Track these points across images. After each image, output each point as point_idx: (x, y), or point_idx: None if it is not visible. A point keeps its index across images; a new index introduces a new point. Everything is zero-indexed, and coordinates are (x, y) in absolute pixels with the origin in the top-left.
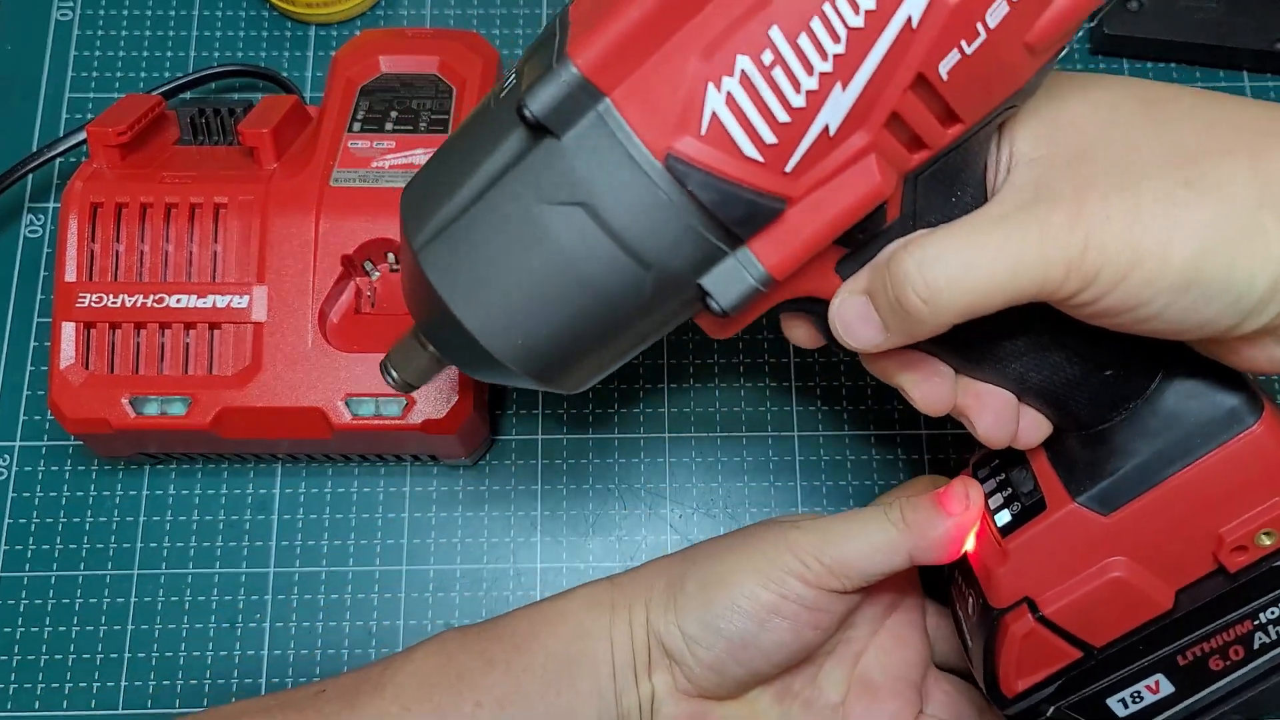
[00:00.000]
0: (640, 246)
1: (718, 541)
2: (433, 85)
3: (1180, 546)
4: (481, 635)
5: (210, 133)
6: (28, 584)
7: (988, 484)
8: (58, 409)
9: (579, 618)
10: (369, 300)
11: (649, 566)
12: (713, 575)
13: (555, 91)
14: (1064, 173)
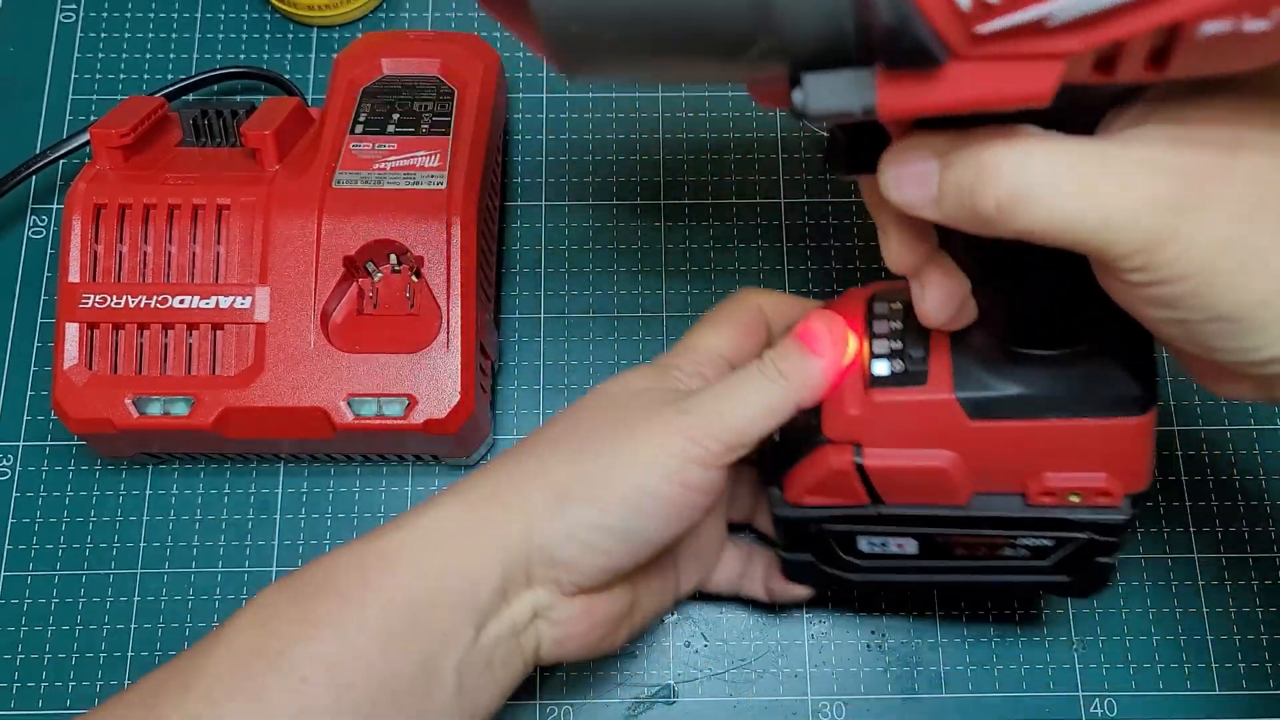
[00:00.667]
0: (775, 3)
1: (592, 428)
2: (434, 87)
3: (1006, 468)
4: (303, 591)
5: (213, 134)
6: (31, 583)
7: (880, 325)
8: (61, 409)
9: (428, 557)
10: (371, 301)
11: (513, 474)
12: (607, 477)
13: None
14: (1203, 151)
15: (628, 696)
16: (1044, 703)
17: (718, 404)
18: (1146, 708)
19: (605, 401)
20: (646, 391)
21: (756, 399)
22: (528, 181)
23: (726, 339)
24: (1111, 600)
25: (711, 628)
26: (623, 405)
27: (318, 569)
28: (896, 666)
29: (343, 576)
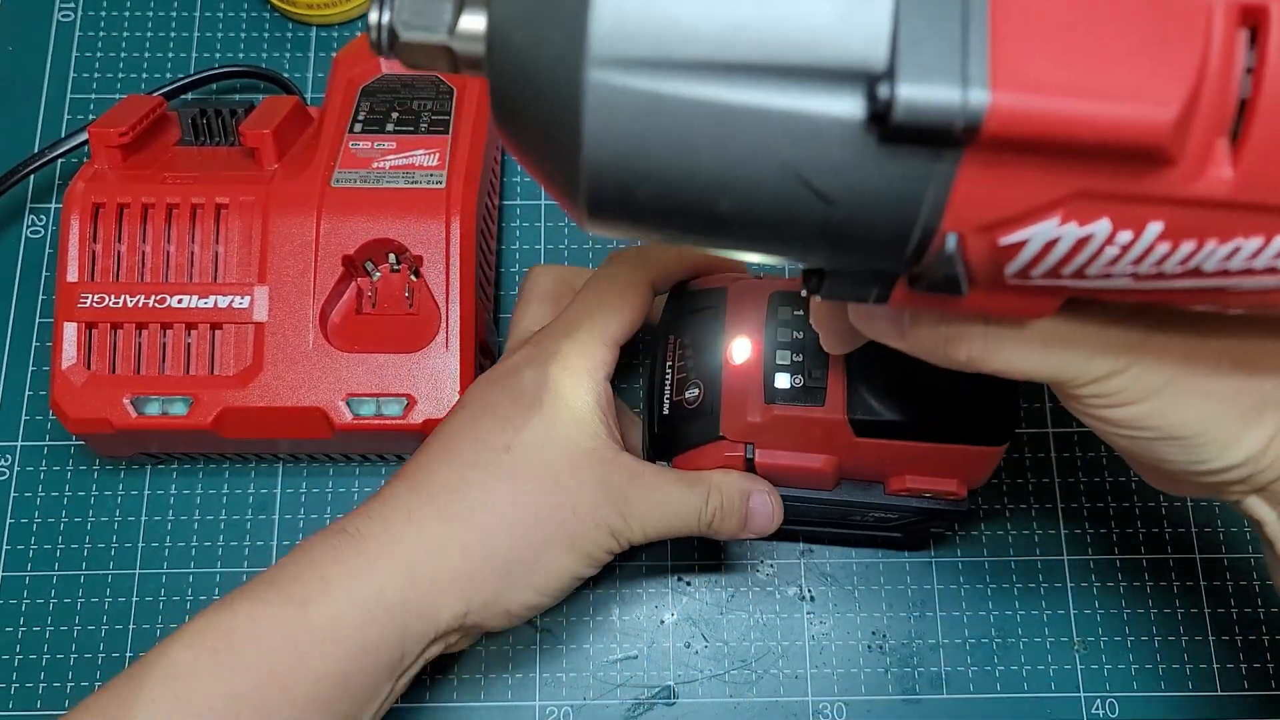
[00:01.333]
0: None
1: (538, 503)
2: (433, 86)
3: (876, 469)
4: (223, 660)
5: (211, 133)
6: (29, 584)
7: (782, 333)
8: (59, 409)
9: (362, 633)
10: (370, 300)
11: (445, 587)
12: (546, 565)
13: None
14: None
15: (628, 698)
16: (1045, 704)
17: (653, 513)
18: (1148, 709)
19: (529, 466)
20: (588, 454)
21: (682, 521)
22: (527, 181)
23: (616, 327)
24: (1113, 601)
25: (712, 629)
26: (542, 480)
27: (240, 635)
28: (897, 668)
29: (270, 649)
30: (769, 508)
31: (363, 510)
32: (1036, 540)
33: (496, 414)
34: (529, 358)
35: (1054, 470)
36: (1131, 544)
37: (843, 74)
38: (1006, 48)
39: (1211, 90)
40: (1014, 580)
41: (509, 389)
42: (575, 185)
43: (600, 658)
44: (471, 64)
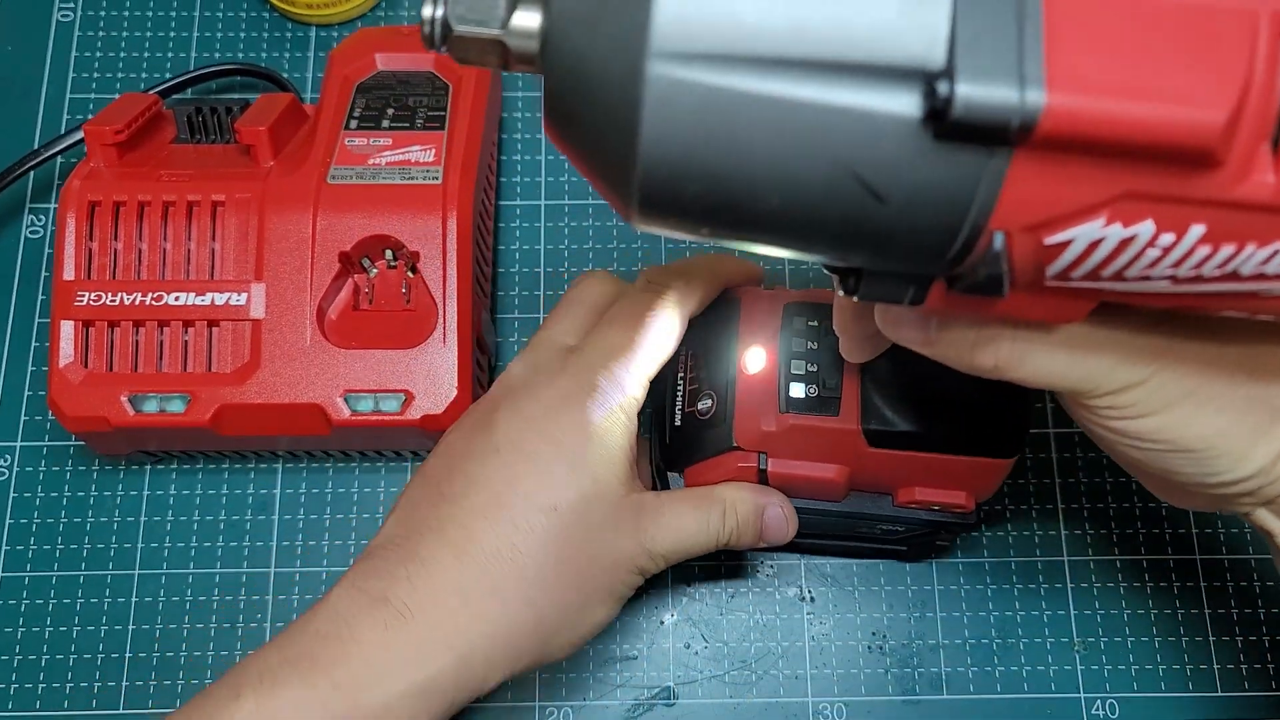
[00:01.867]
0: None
1: (585, 564)
2: (429, 82)
3: (886, 480)
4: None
5: (207, 131)
6: (29, 584)
7: (797, 343)
8: (57, 407)
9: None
10: (367, 297)
11: (497, 663)
12: (588, 616)
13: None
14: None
15: (628, 698)
16: (1046, 704)
17: (677, 539)
18: (1148, 709)
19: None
20: (623, 502)
21: (703, 540)
22: (527, 181)
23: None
24: (1113, 602)
25: (712, 629)
26: (586, 540)
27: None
28: (897, 668)
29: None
30: (783, 519)
31: (404, 575)
32: (1037, 541)
33: (538, 465)
34: (567, 395)
35: (1054, 471)
36: (1132, 545)
37: (901, 72)
38: (1061, 49)
39: (1257, 96)
40: (1014, 581)
41: (549, 436)
42: (629, 181)
43: (600, 658)
44: (525, 60)
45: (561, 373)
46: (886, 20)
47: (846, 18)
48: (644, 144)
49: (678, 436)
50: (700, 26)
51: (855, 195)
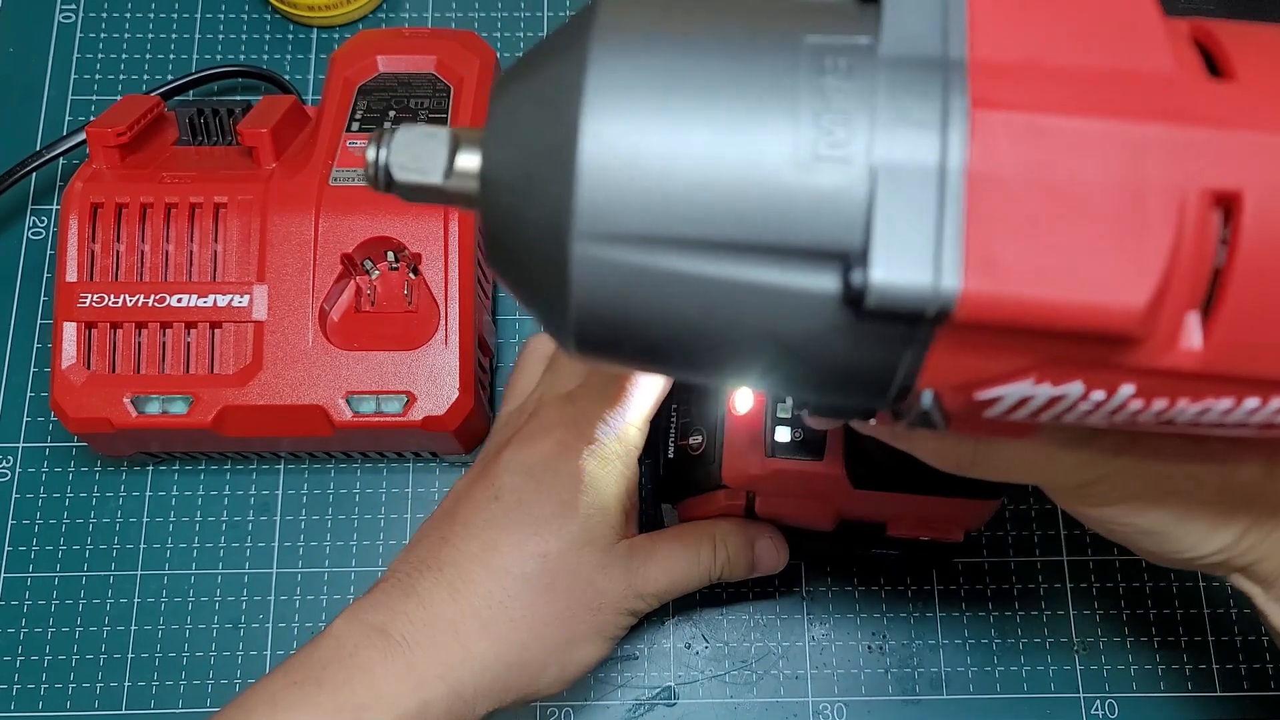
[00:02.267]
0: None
1: (570, 608)
2: (430, 84)
3: (874, 511)
4: None
5: (209, 133)
6: (31, 585)
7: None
8: (60, 409)
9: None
10: (369, 299)
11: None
12: (574, 657)
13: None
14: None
15: (628, 698)
16: (1045, 705)
17: (668, 580)
18: (1148, 710)
19: (560, 573)
20: (613, 549)
21: (693, 579)
22: None
23: (650, 407)
24: (1113, 602)
25: (712, 630)
26: (574, 584)
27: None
28: (897, 668)
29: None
30: (774, 550)
31: (402, 610)
32: (1036, 541)
33: (533, 515)
34: (565, 446)
35: None
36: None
37: (819, 254)
38: (980, 235)
39: (1184, 271)
40: (1013, 581)
41: (545, 486)
42: (563, 330)
43: None
44: (466, 203)
45: (559, 424)
46: (803, 203)
47: (763, 201)
48: (574, 308)
49: (670, 470)
50: (622, 209)
51: (783, 357)
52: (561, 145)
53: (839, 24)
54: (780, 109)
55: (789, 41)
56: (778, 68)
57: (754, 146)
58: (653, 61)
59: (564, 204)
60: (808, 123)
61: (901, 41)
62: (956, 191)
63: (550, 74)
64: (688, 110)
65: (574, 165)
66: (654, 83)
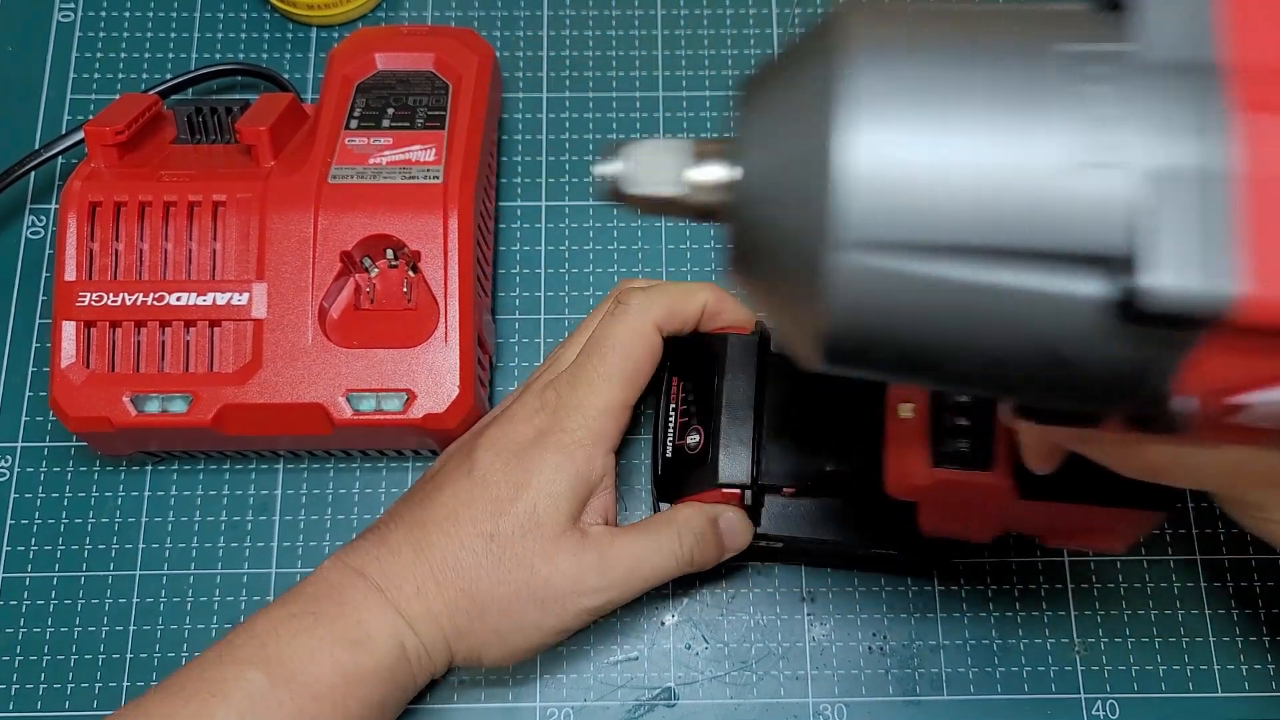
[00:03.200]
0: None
1: (513, 594)
2: (429, 82)
3: (1039, 522)
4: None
5: (208, 131)
6: (30, 585)
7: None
8: (59, 408)
9: (393, 673)
10: (368, 296)
11: (440, 644)
12: (517, 641)
13: None
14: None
15: (629, 699)
16: (1046, 705)
17: (627, 572)
18: (1149, 710)
19: (505, 555)
20: (561, 538)
21: (663, 571)
22: (528, 181)
23: (625, 393)
24: (1114, 602)
25: (712, 630)
26: (517, 569)
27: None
28: (898, 669)
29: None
30: (737, 524)
31: (374, 556)
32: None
33: (489, 494)
34: (540, 432)
35: None
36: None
37: (1084, 258)
38: (1259, 238)
39: None
40: (1014, 581)
41: (508, 469)
42: (814, 342)
43: (601, 659)
44: (704, 214)
45: (539, 409)
46: (1072, 206)
47: (1030, 205)
48: (832, 316)
49: (667, 468)
50: (887, 216)
51: (1043, 363)
52: (823, 154)
53: (1087, 31)
54: (1045, 116)
55: (1040, 48)
56: (1035, 75)
57: (1020, 153)
58: (910, 69)
59: (826, 213)
60: (1075, 129)
61: (1163, 46)
62: (1232, 195)
63: (804, 84)
64: (951, 118)
65: (838, 174)
66: (914, 90)
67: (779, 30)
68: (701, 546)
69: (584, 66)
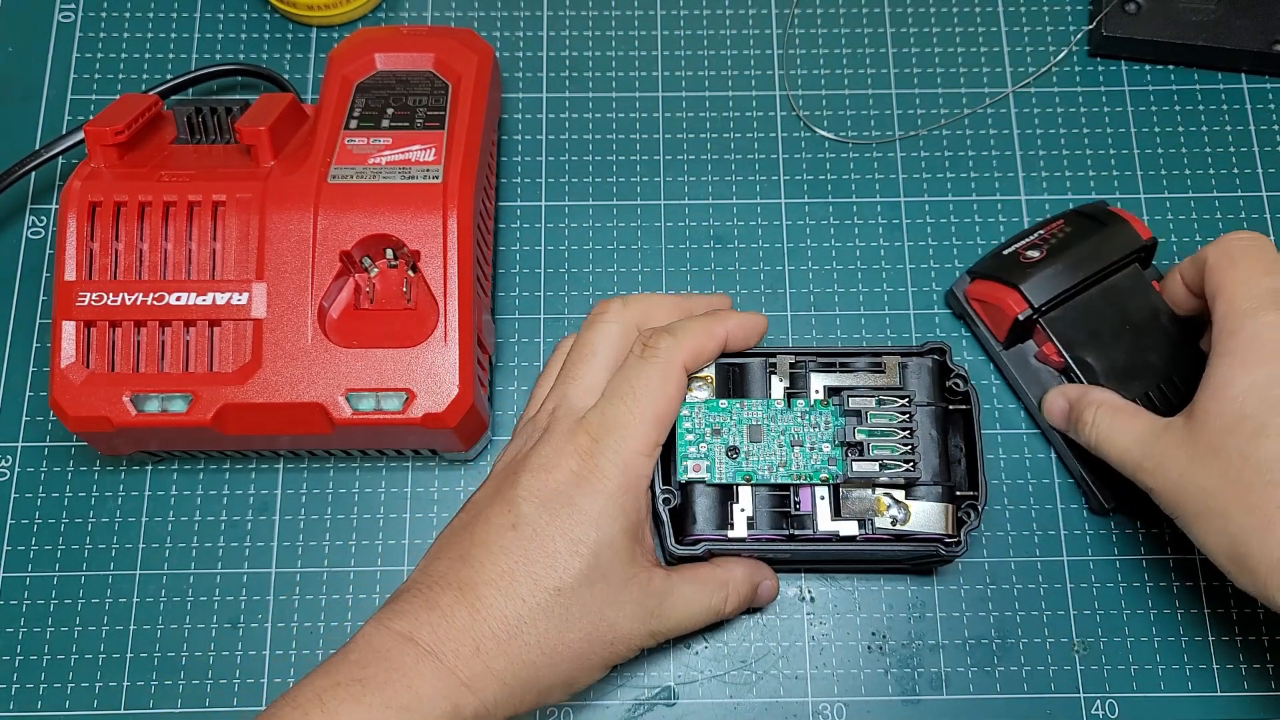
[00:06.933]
0: None
1: (582, 640)
2: (428, 82)
3: None
4: None
5: (207, 131)
6: (30, 584)
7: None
8: (59, 407)
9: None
10: (368, 296)
11: (498, 705)
12: (583, 682)
13: None
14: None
15: (628, 698)
16: (1045, 704)
17: (671, 619)
18: (1148, 709)
19: (573, 606)
20: (628, 584)
21: (703, 621)
22: (528, 181)
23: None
24: (1113, 602)
25: (712, 630)
26: (587, 618)
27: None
28: (897, 668)
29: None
30: (771, 589)
31: (426, 621)
32: (1036, 540)
33: (547, 549)
34: (579, 478)
35: (1054, 471)
36: (1132, 545)
37: None
38: None
39: None
40: (1013, 581)
41: (559, 519)
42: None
43: None
44: None
45: (572, 453)
46: None
47: None
48: None
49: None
50: None
51: None
52: None
53: None
54: None
55: None
56: None
57: None
58: None
59: None
60: None
61: None
62: None
63: None
64: None
65: None
66: None
67: (779, 30)
68: (740, 605)
69: (584, 66)
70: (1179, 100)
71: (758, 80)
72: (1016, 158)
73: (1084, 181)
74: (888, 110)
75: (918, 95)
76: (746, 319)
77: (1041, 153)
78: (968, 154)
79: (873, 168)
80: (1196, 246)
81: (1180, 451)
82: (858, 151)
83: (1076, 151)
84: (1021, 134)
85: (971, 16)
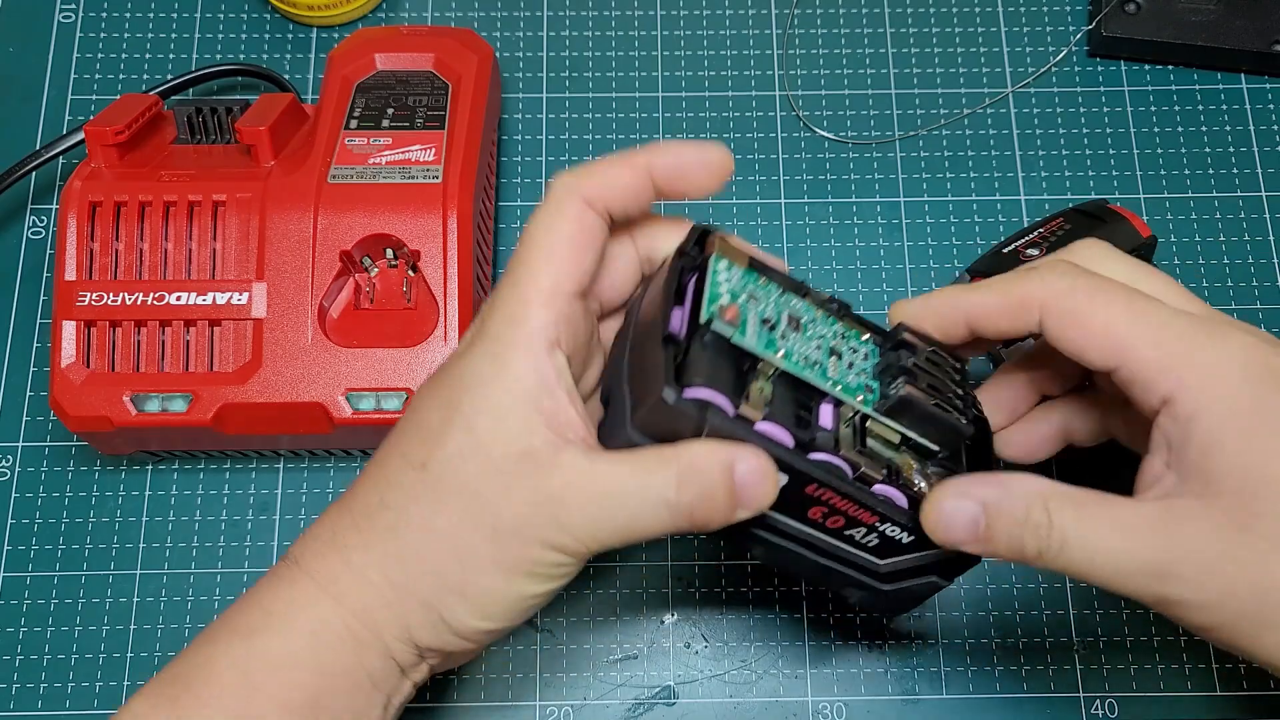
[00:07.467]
0: None
1: (455, 524)
2: (428, 82)
3: None
4: (180, 701)
5: (208, 131)
6: (30, 584)
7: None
8: (59, 407)
9: (319, 659)
10: (368, 296)
11: (378, 613)
12: (478, 588)
13: None
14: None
15: (628, 698)
16: (1045, 704)
17: (601, 507)
18: (1148, 709)
19: (445, 487)
20: (513, 460)
21: (648, 523)
22: (527, 181)
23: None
24: (1113, 602)
25: (712, 629)
26: (459, 498)
27: (196, 678)
28: (897, 668)
29: (226, 686)
30: (759, 473)
31: (308, 533)
32: None
33: (421, 424)
34: (467, 343)
35: (1053, 471)
36: None
37: None
38: None
39: None
40: (1013, 580)
41: (437, 390)
42: None
43: (600, 658)
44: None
45: (473, 323)
46: None
47: None
48: None
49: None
50: None
51: None
52: None
53: None
54: None
55: None
56: None
57: None
58: None
59: None
60: None
61: None
62: None
63: None
64: None
65: None
66: None
67: (779, 30)
68: (707, 498)
69: (584, 66)
70: (1178, 100)
71: (757, 80)
72: (1016, 158)
73: (1084, 181)
74: (887, 110)
75: (917, 95)
76: (686, 145)
77: (1041, 153)
78: (967, 154)
79: (872, 168)
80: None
81: (1216, 542)
82: (857, 151)
83: (1076, 151)
84: (1021, 134)
85: (971, 17)
